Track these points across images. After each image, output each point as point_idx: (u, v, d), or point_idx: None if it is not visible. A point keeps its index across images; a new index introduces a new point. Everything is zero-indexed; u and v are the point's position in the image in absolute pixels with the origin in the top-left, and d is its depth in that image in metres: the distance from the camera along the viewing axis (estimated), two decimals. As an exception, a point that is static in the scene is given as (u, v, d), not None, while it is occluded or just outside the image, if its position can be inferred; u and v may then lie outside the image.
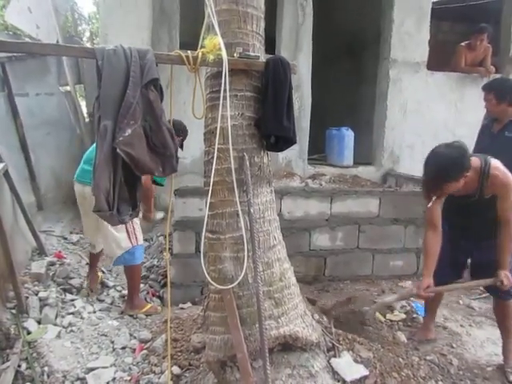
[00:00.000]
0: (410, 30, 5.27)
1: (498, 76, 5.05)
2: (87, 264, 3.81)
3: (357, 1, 6.40)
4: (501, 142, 3.35)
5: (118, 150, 1.76)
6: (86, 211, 3.06)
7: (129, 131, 1.78)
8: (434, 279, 2.55)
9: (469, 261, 2.64)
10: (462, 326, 3.06)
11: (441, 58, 5.82)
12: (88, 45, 8.38)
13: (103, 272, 3.74)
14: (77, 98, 5.75)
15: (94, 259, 3.45)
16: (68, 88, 5.76)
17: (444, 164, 2.18)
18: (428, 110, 5.36)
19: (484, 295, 3.41)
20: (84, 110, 6.08)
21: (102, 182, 1.79)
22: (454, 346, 2.71)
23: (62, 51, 2.27)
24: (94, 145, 1.90)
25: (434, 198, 2.36)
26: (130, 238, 2.98)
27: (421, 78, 5.31)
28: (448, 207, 2.44)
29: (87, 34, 8.93)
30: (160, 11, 4.64)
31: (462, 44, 5.47)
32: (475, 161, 2.28)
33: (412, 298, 3.18)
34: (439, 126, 5.37)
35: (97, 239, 3.27)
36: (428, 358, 2.47)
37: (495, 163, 2.31)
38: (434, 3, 6.31)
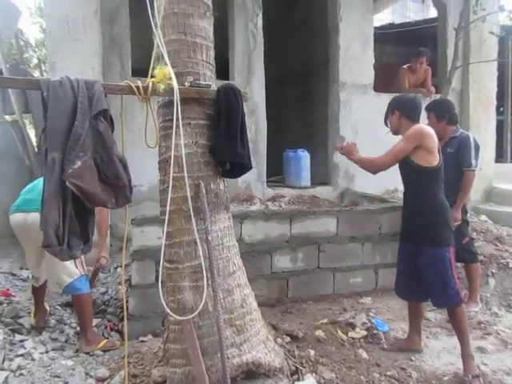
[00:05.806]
0: (355, 54, 5.54)
1: (438, 96, 5.37)
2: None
3: (305, 29, 6.66)
4: (444, 157, 3.57)
5: (67, 183, 1.72)
6: (27, 240, 2.97)
7: (78, 163, 1.74)
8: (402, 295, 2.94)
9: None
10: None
11: (386, 80, 6.13)
12: (36, 72, 8.15)
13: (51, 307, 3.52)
14: (25, 128, 5.51)
15: (39, 293, 3.24)
16: (15, 117, 5.53)
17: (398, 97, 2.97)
18: (377, 129, 5.53)
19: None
20: (33, 139, 5.85)
21: (50, 216, 1.73)
22: (413, 358, 2.78)
23: (5, 83, 2.20)
24: (36, 180, 1.84)
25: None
26: (76, 265, 2.93)
27: (368, 99, 5.55)
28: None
29: (34, 60, 8.67)
30: (110, 38, 4.60)
31: (404, 66, 5.78)
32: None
33: (371, 314, 3.34)
34: (387, 145, 5.56)
35: (40, 269, 3.11)
36: (388, 373, 2.52)
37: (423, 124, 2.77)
38: (377, 28, 6.70)
